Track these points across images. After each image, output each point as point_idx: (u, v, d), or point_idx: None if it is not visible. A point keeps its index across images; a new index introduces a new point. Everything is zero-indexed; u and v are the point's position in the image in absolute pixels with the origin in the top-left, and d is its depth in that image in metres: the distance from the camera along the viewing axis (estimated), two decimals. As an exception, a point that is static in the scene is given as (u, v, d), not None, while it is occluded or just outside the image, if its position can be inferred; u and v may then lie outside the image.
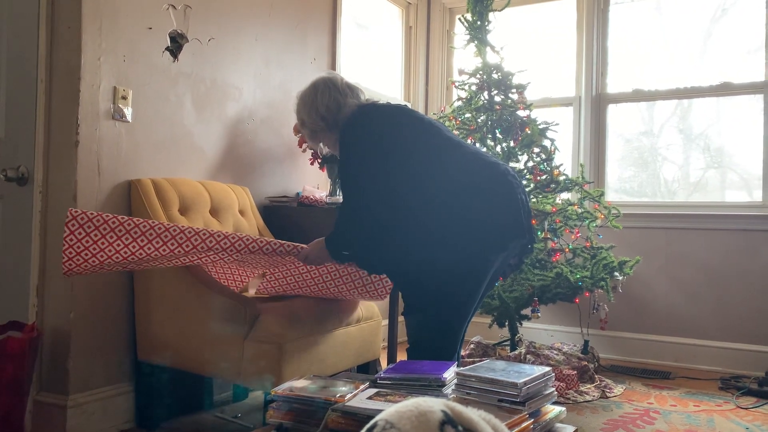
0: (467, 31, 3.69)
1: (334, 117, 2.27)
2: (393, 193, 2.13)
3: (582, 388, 3.18)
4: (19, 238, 2.47)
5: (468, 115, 3.69)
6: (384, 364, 3.21)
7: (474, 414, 1.06)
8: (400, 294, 2.39)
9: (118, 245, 2.04)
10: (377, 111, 2.28)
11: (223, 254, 2.15)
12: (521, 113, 3.58)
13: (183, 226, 2.07)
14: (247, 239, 2.10)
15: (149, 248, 2.05)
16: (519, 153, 3.53)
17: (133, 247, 2.04)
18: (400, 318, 2.63)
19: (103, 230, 2.03)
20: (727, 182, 4.05)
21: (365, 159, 2.16)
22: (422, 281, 2.15)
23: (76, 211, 2.04)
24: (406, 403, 1.02)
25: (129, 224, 2.04)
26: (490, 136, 3.57)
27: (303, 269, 2.45)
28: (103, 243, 2.03)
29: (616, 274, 3.36)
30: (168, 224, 2.06)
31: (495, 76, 3.64)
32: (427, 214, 2.12)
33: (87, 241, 2.02)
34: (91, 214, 2.04)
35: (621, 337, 4.02)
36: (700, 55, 4.10)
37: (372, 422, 1.00)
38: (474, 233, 2.10)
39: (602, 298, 3.46)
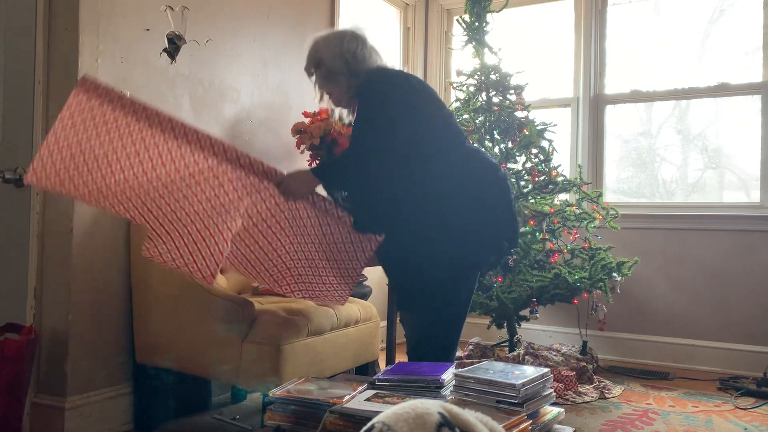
0: (465, 32, 3.69)
1: (357, 65, 2.23)
2: (405, 157, 2.11)
3: (581, 389, 3.18)
4: (17, 240, 2.47)
5: (466, 116, 3.69)
6: (382, 365, 3.21)
7: (471, 416, 1.06)
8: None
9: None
10: (405, 74, 2.37)
11: (198, 156, 2.08)
12: (519, 114, 3.59)
13: (172, 117, 2.03)
14: (228, 146, 2.07)
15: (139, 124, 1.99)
16: (517, 154, 3.53)
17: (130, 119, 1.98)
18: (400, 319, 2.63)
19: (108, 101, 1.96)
20: (725, 183, 4.06)
21: (388, 112, 2.12)
22: (427, 274, 2.14)
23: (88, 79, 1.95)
24: (403, 405, 1.03)
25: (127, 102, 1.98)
26: (488, 137, 3.57)
27: (278, 240, 2.33)
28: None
29: (615, 274, 3.37)
30: (158, 110, 2.02)
31: (493, 77, 3.64)
32: (435, 192, 2.11)
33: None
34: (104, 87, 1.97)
35: (619, 338, 4.02)
36: (698, 56, 4.11)
37: (369, 424, 1.01)
38: (482, 228, 2.12)
39: (601, 299, 3.46)
